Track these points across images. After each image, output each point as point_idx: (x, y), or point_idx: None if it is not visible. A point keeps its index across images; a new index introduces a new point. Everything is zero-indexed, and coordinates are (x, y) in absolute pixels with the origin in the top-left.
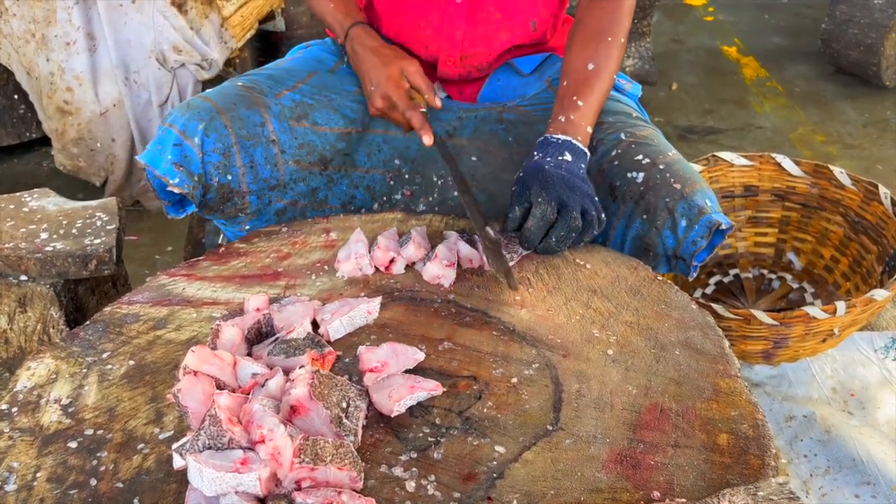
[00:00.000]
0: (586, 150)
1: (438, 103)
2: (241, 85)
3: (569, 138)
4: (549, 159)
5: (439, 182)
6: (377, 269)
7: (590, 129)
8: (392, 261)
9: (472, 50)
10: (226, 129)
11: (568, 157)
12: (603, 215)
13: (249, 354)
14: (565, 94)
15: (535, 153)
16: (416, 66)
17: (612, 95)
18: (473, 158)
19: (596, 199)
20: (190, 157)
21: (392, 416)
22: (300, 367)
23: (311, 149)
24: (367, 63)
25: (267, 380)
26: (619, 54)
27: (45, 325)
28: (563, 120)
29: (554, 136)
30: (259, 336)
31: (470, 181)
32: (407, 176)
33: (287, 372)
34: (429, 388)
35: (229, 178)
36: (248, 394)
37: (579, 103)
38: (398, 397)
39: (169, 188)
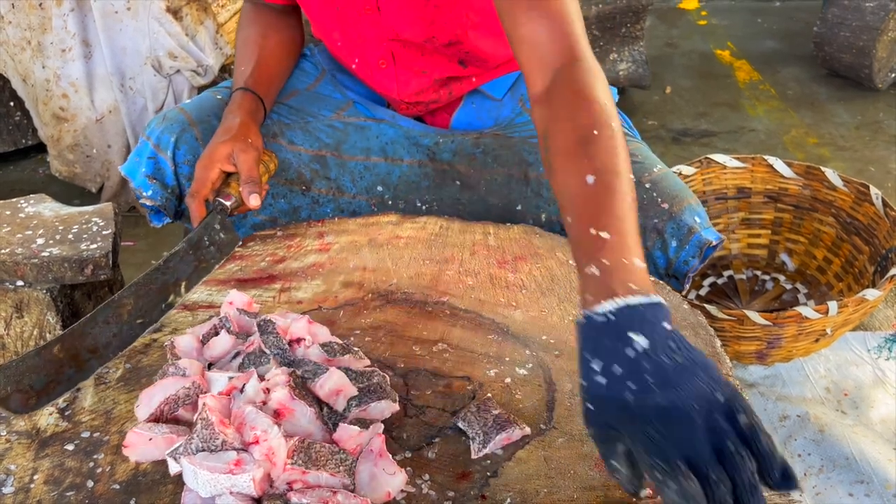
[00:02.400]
0: (652, 298)
1: (254, 203)
2: (220, 98)
3: (621, 302)
4: (615, 367)
5: (423, 207)
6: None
7: (639, 263)
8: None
9: (413, 99)
10: (197, 141)
11: (640, 342)
12: (746, 419)
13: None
14: (578, 232)
15: (591, 361)
16: (253, 154)
17: None
18: (457, 182)
19: (728, 390)
20: (164, 170)
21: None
22: (275, 369)
23: (286, 166)
24: (217, 130)
25: (244, 384)
26: (619, 146)
27: (41, 330)
28: (596, 273)
29: (596, 311)
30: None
31: (455, 204)
32: (390, 202)
33: (261, 376)
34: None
35: None
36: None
37: (604, 235)
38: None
39: (142, 200)
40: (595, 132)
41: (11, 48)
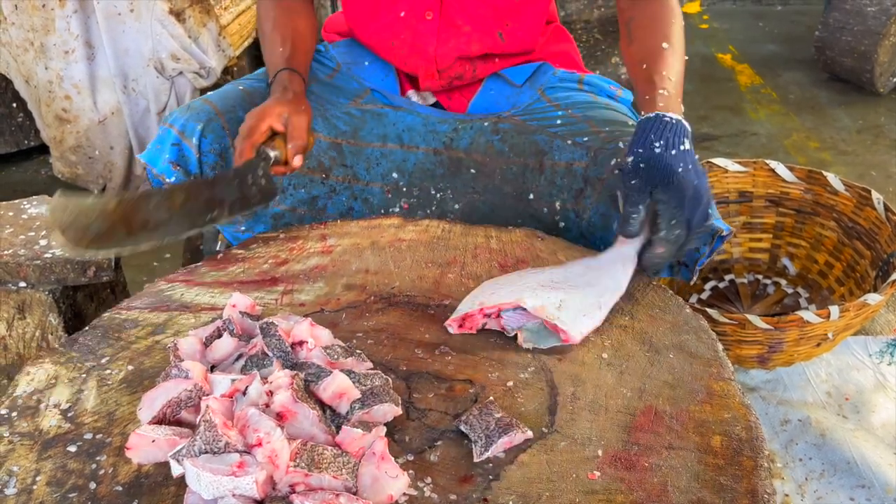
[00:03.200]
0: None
1: (297, 163)
2: (243, 89)
3: (679, 117)
4: (674, 153)
5: (437, 195)
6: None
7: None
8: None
9: (446, 63)
10: (223, 130)
11: (687, 144)
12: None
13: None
14: (652, 73)
15: (654, 140)
16: (305, 119)
17: (607, 104)
18: (472, 171)
19: (711, 201)
20: (188, 157)
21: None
22: (277, 371)
23: (307, 154)
24: (271, 97)
25: (247, 386)
26: (682, 41)
27: (43, 331)
28: (665, 94)
29: (667, 115)
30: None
31: (470, 193)
32: (405, 189)
33: (263, 378)
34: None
35: None
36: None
37: (671, 78)
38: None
39: (164, 186)
40: (665, 45)
41: (14, 49)
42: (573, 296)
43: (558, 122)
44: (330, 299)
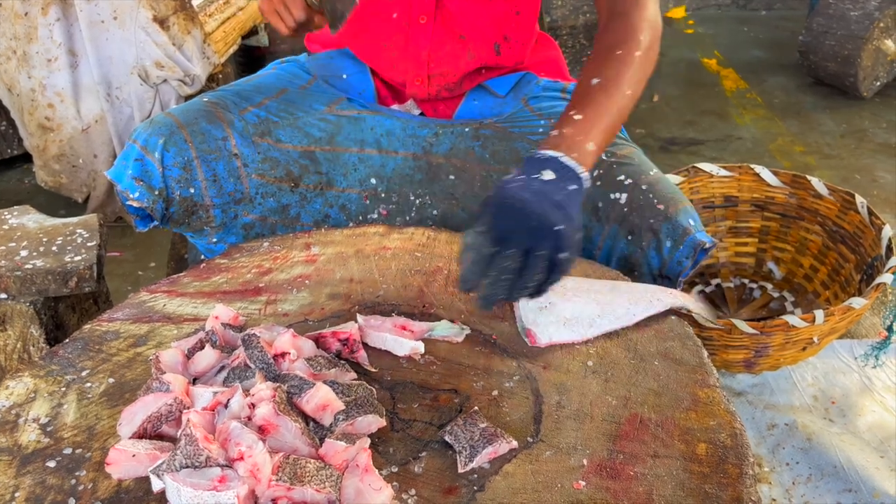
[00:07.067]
0: (579, 167)
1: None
2: (207, 101)
3: (556, 154)
4: (520, 177)
5: (416, 201)
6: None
7: (591, 146)
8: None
9: (437, 69)
10: (186, 143)
11: (547, 175)
12: (565, 255)
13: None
14: (565, 110)
15: (515, 172)
16: None
17: None
18: (451, 177)
19: (564, 230)
20: (151, 172)
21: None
22: (259, 384)
23: (275, 164)
24: None
25: (228, 399)
26: (630, 70)
27: (24, 343)
28: (554, 134)
29: (540, 151)
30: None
31: (449, 199)
32: (383, 195)
33: (245, 390)
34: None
35: (192, 191)
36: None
37: (576, 117)
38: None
39: (129, 202)
40: (619, 52)
41: None
42: (570, 304)
43: (540, 130)
44: (314, 309)
